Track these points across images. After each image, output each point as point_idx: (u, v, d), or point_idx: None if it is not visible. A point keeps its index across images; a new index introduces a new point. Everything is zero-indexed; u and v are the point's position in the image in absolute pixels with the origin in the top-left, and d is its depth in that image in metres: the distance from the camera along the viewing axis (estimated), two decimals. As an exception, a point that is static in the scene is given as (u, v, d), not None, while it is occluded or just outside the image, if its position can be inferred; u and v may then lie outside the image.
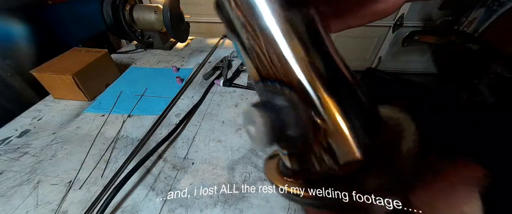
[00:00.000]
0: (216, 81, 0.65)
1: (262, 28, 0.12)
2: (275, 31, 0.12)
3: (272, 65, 0.13)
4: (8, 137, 0.49)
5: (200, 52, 0.86)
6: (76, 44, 0.80)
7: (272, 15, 0.12)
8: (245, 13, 0.12)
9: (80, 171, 0.42)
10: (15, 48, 0.71)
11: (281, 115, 0.13)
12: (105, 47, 0.75)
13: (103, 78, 0.65)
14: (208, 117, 0.54)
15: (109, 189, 0.38)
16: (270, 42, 0.12)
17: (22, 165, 0.42)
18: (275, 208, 0.36)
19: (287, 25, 0.12)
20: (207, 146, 0.47)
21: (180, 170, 0.42)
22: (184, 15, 0.84)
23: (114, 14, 0.73)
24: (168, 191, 0.39)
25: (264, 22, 0.12)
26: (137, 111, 0.56)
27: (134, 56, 0.83)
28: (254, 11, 0.12)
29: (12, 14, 0.71)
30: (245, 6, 0.12)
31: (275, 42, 0.12)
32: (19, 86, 0.70)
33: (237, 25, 0.13)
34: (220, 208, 0.36)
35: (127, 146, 0.47)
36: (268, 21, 0.12)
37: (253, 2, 0.12)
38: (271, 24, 0.12)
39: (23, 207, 0.36)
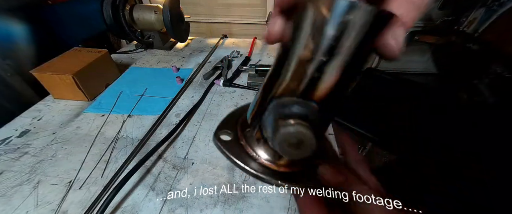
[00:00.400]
0: (216, 81, 0.65)
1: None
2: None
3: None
4: (8, 137, 0.48)
5: (200, 52, 0.86)
6: (76, 44, 0.80)
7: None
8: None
9: (80, 171, 0.42)
10: (15, 48, 0.71)
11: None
12: (105, 47, 0.75)
13: (103, 78, 0.65)
14: (208, 117, 0.54)
15: (109, 189, 0.38)
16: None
17: (22, 165, 0.42)
18: (275, 208, 0.36)
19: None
20: (207, 146, 0.47)
21: (180, 170, 0.42)
22: (184, 15, 0.84)
23: (114, 14, 0.73)
24: (168, 191, 0.39)
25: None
26: (137, 111, 0.56)
27: (134, 56, 0.83)
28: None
29: (12, 14, 0.71)
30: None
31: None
32: (19, 86, 0.70)
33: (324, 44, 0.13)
34: (220, 208, 0.36)
35: (127, 146, 0.47)
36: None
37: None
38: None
39: (23, 207, 0.36)
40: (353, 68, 0.13)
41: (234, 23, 1.59)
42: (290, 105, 0.14)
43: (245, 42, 0.92)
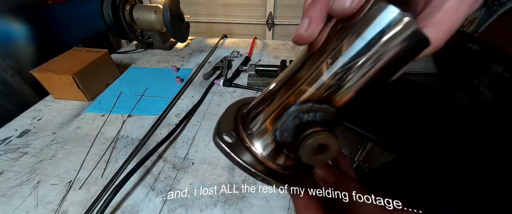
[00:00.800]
0: (216, 81, 0.65)
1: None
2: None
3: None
4: (8, 137, 0.49)
5: (200, 52, 0.86)
6: (76, 44, 0.80)
7: None
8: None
9: (80, 171, 0.42)
10: (15, 48, 0.71)
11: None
12: (105, 47, 0.75)
13: (103, 78, 0.65)
14: (208, 117, 0.54)
15: (109, 189, 0.38)
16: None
17: (22, 165, 0.42)
18: (275, 208, 0.36)
19: None
20: (207, 146, 0.47)
21: (180, 170, 0.42)
22: (184, 15, 0.84)
23: (114, 14, 0.73)
24: (168, 191, 0.39)
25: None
26: (137, 111, 0.56)
27: (134, 56, 0.83)
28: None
29: (12, 14, 0.71)
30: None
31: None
32: (19, 86, 0.70)
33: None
34: (220, 208, 0.36)
35: (127, 146, 0.47)
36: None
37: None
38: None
39: (23, 207, 0.36)
40: (379, 81, 0.14)
41: (234, 23, 1.59)
42: (313, 111, 0.14)
43: (245, 42, 0.92)
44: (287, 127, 0.15)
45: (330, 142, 0.13)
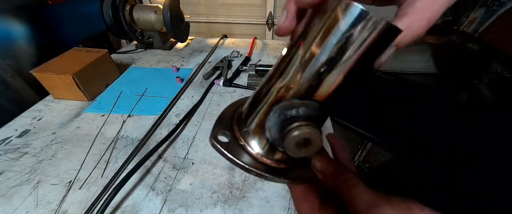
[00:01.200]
0: (216, 81, 0.65)
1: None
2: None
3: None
4: (8, 137, 0.49)
5: (200, 52, 0.86)
6: (76, 44, 0.80)
7: None
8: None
9: (80, 171, 0.42)
10: (15, 48, 0.71)
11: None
12: (105, 47, 0.75)
13: (103, 78, 0.65)
14: (208, 117, 0.54)
15: (109, 189, 0.38)
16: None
17: (22, 165, 0.42)
18: (275, 208, 0.36)
19: None
20: (207, 146, 0.47)
21: (180, 170, 0.42)
22: (184, 15, 0.84)
23: (114, 14, 0.73)
24: (168, 191, 0.39)
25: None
26: (137, 111, 0.56)
27: (134, 56, 0.83)
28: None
29: (12, 14, 0.71)
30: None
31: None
32: (19, 86, 0.70)
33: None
34: (220, 208, 0.36)
35: (127, 146, 0.47)
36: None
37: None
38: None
39: (23, 207, 0.36)
40: (357, 73, 0.14)
41: (234, 23, 1.59)
42: (296, 107, 0.15)
43: (245, 42, 0.92)
44: (274, 123, 0.16)
45: (313, 135, 0.14)
